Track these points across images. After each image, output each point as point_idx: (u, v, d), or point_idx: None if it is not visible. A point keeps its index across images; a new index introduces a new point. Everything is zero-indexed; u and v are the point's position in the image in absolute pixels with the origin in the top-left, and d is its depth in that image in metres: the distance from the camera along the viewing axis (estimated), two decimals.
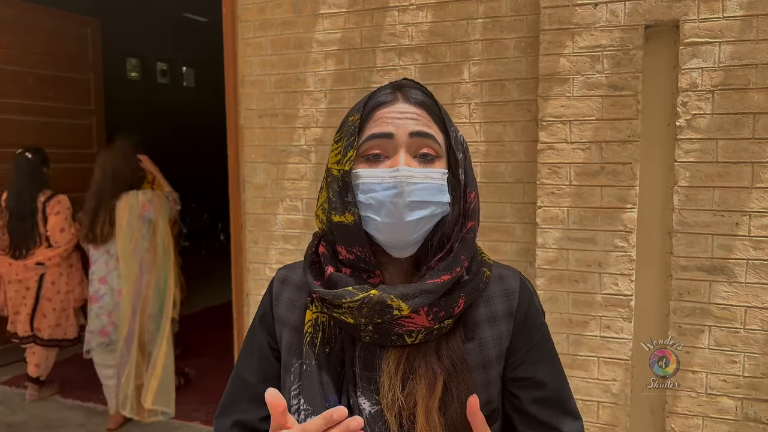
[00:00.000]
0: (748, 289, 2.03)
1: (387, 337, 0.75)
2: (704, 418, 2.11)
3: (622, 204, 2.15)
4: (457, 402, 0.73)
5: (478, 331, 0.80)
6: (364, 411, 0.75)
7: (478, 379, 0.78)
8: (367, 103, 0.78)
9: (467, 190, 0.80)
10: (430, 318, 0.74)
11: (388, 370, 0.75)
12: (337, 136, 0.80)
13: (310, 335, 0.79)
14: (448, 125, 0.80)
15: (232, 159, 2.92)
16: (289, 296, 0.87)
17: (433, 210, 0.75)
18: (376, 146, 0.76)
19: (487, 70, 2.42)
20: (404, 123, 0.75)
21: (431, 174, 0.75)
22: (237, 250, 2.95)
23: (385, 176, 0.74)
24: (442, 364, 0.74)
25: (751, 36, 1.98)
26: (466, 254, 0.77)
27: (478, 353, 0.79)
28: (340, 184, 0.77)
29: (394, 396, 0.73)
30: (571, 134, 2.20)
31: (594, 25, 2.15)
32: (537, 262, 2.28)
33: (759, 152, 2.00)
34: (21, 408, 3.52)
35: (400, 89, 0.79)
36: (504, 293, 0.83)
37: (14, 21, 4.16)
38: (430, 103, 0.79)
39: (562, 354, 2.25)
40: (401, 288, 0.73)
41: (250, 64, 2.85)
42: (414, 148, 0.76)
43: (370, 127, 0.77)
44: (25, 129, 4.24)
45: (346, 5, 2.62)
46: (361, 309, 0.72)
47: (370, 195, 0.74)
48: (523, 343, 0.81)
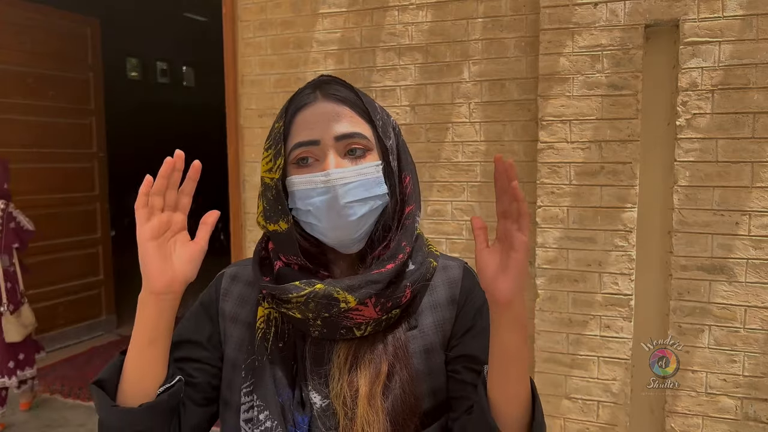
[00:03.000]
0: (748, 288, 2.03)
1: (336, 331, 0.75)
2: (704, 418, 2.11)
3: (622, 203, 2.15)
4: (400, 388, 0.74)
5: (420, 319, 0.80)
6: (315, 405, 0.75)
7: (422, 366, 0.78)
8: (289, 108, 0.77)
9: (402, 175, 0.79)
10: (378, 309, 0.74)
11: (338, 362, 0.76)
12: (267, 144, 0.79)
13: (262, 331, 0.79)
14: (373, 114, 0.78)
15: (232, 159, 2.92)
16: (239, 292, 0.86)
17: (371, 205, 0.75)
18: (304, 152, 0.75)
19: (487, 69, 2.42)
20: (328, 126, 0.74)
21: (364, 170, 0.74)
22: (237, 249, 2.95)
23: (318, 181, 0.73)
24: (387, 352, 0.75)
25: (751, 35, 1.98)
26: (407, 240, 0.77)
27: (419, 339, 0.80)
28: (273, 193, 0.77)
29: (342, 386, 0.74)
30: (570, 134, 2.20)
31: (594, 25, 2.15)
32: (537, 262, 2.28)
33: (759, 151, 2.00)
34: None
35: (318, 87, 0.78)
36: (447, 282, 0.83)
37: (14, 21, 4.16)
38: (351, 97, 0.77)
39: (562, 353, 2.25)
40: (347, 280, 0.73)
41: (249, 64, 2.85)
42: (342, 148, 0.75)
43: (295, 133, 0.76)
44: (25, 129, 4.24)
45: (346, 5, 2.62)
46: (307, 304, 0.72)
47: (307, 201, 0.74)
48: (463, 325, 0.82)
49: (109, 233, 4.94)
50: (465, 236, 2.49)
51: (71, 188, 4.58)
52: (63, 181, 4.49)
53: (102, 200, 4.85)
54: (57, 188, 4.46)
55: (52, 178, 4.42)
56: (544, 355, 2.29)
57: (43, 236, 4.37)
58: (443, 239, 2.53)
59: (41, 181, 4.34)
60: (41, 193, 4.35)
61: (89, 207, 4.76)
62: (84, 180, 4.71)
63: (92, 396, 0.74)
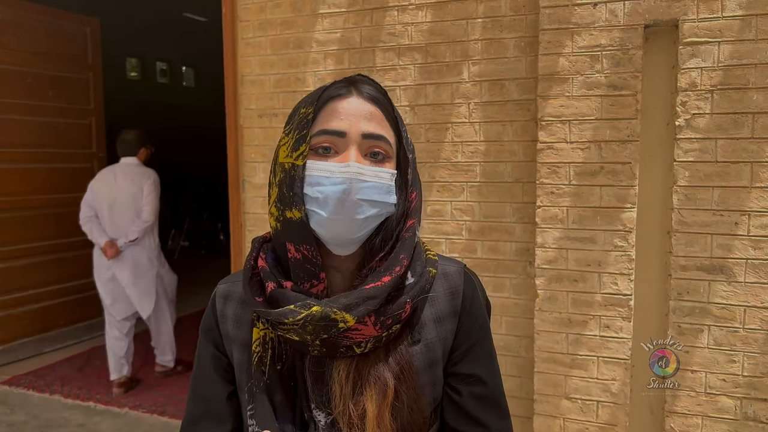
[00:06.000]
0: (748, 288, 2.03)
1: (336, 350, 0.74)
2: (704, 418, 2.11)
3: (622, 204, 2.16)
4: (407, 406, 0.73)
5: (423, 332, 0.79)
6: (319, 423, 0.75)
7: (426, 379, 0.78)
8: (321, 96, 0.76)
9: (410, 189, 0.79)
10: (378, 327, 0.73)
11: (339, 379, 0.75)
12: (287, 129, 0.77)
13: (258, 355, 0.77)
14: (401, 125, 0.78)
15: (232, 159, 2.92)
16: (234, 312, 0.85)
17: (378, 210, 0.75)
18: (327, 141, 0.74)
19: (487, 69, 2.42)
20: (357, 121, 0.74)
21: (381, 173, 0.74)
22: (237, 249, 2.95)
23: (335, 170, 0.72)
24: (391, 370, 0.74)
25: (750, 36, 1.98)
26: (406, 253, 0.76)
27: (424, 354, 0.79)
28: (290, 179, 0.74)
29: (345, 405, 0.73)
30: (570, 134, 2.20)
31: (593, 25, 2.15)
32: (536, 262, 2.28)
33: (758, 152, 2.00)
34: (21, 408, 3.52)
35: (354, 84, 0.77)
36: (449, 291, 0.82)
37: (14, 21, 4.16)
38: (384, 101, 0.77)
39: (561, 353, 2.25)
40: (343, 299, 0.72)
41: (249, 64, 2.85)
42: (365, 147, 0.74)
43: (322, 120, 0.74)
44: (25, 129, 4.24)
45: (346, 5, 2.62)
46: (305, 327, 0.71)
47: (317, 188, 0.72)
48: (465, 339, 0.81)
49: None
50: (464, 236, 2.49)
51: (71, 188, 4.58)
52: (63, 181, 4.49)
53: None
54: (57, 188, 4.46)
55: (52, 178, 4.42)
56: (543, 355, 2.29)
57: (43, 236, 4.38)
58: (443, 239, 2.53)
59: (41, 181, 4.34)
60: (41, 193, 4.35)
61: None
62: (84, 180, 4.70)
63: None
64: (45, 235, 4.39)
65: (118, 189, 3.57)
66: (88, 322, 4.73)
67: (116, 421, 3.33)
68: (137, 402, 3.55)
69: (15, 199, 4.20)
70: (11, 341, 4.20)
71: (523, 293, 2.42)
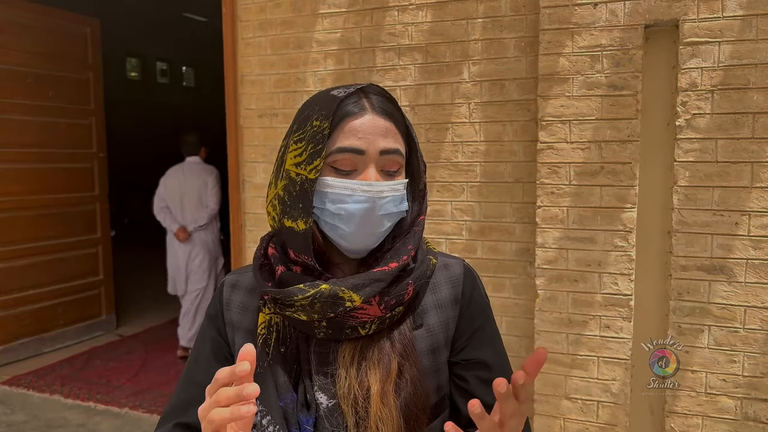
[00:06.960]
0: (748, 288, 2.03)
1: (341, 331, 0.76)
2: (704, 418, 2.11)
3: (622, 204, 2.15)
4: (411, 385, 0.76)
5: (425, 318, 0.83)
6: (321, 405, 0.76)
7: (428, 363, 0.81)
8: (336, 112, 0.76)
9: (421, 192, 0.84)
10: (382, 307, 0.76)
11: (344, 361, 0.77)
12: (297, 136, 0.78)
13: (263, 337, 0.80)
14: (412, 131, 0.82)
15: (232, 159, 2.92)
16: (240, 300, 0.87)
17: (395, 219, 0.80)
18: (346, 159, 0.76)
19: (487, 69, 2.42)
20: (375, 140, 0.76)
21: (396, 186, 0.78)
22: (237, 249, 2.95)
23: (357, 189, 0.75)
24: (395, 349, 0.77)
25: (750, 36, 1.98)
26: (413, 243, 0.80)
27: (426, 339, 0.82)
28: (297, 190, 0.76)
29: (350, 386, 0.75)
30: (570, 134, 2.20)
31: (593, 25, 2.15)
32: (537, 262, 2.28)
33: (758, 152, 2.00)
34: (21, 408, 3.52)
35: (367, 98, 0.78)
36: (449, 280, 0.86)
37: (14, 21, 4.16)
38: (397, 115, 0.80)
39: (561, 354, 2.25)
40: (351, 279, 0.75)
41: (249, 64, 2.85)
42: (381, 163, 0.77)
43: (341, 138, 0.76)
44: (25, 129, 4.24)
45: (346, 5, 2.62)
46: (313, 305, 0.73)
47: (340, 206, 0.75)
48: (467, 326, 0.84)
49: (109, 233, 4.94)
50: (464, 236, 2.49)
51: (71, 188, 4.58)
52: (63, 181, 4.49)
53: (102, 200, 4.85)
54: (57, 188, 4.46)
55: (52, 178, 4.42)
56: None
57: (43, 236, 4.38)
58: (443, 239, 2.53)
59: (41, 181, 4.34)
60: (41, 193, 4.35)
61: (89, 207, 4.75)
62: (84, 180, 4.71)
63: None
64: (45, 235, 4.39)
65: (187, 183, 4.15)
66: (88, 322, 4.73)
67: (116, 421, 3.33)
68: (137, 402, 3.55)
69: (15, 199, 4.20)
70: (11, 341, 4.20)
71: (524, 293, 2.42)
